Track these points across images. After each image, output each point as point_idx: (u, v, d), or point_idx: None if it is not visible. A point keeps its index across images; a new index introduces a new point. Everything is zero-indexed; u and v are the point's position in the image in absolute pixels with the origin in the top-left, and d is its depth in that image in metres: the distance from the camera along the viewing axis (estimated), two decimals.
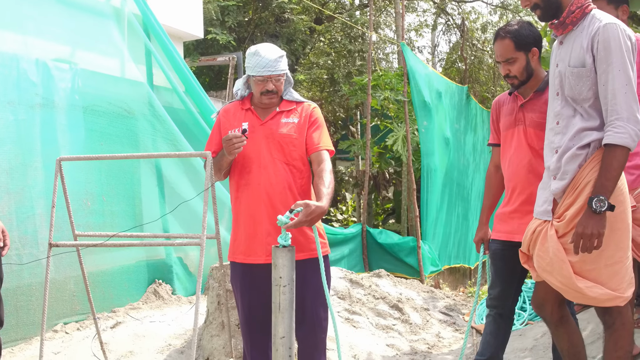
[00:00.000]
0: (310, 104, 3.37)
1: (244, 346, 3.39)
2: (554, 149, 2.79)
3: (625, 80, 2.56)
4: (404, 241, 10.18)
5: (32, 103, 5.18)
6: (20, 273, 4.70)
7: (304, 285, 3.23)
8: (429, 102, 10.23)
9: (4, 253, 3.22)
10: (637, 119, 2.55)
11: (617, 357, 2.76)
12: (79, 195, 5.32)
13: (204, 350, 4.31)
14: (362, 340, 5.19)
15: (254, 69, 3.17)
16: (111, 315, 5.24)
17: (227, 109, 3.36)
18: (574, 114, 2.74)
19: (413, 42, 17.36)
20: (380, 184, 13.85)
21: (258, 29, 11.99)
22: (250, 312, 3.30)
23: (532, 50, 3.29)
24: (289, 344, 2.86)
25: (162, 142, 5.98)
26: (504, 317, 3.56)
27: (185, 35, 9.17)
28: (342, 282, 6.13)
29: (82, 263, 3.59)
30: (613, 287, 2.66)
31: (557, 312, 2.93)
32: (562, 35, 2.81)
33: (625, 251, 2.68)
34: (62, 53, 5.68)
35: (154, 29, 6.22)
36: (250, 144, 3.21)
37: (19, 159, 5.01)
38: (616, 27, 2.60)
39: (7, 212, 4.81)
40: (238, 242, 3.28)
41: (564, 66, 2.75)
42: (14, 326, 4.60)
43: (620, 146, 2.53)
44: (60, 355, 4.40)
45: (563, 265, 2.67)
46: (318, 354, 3.37)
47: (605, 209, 2.51)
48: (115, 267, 5.59)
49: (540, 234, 2.79)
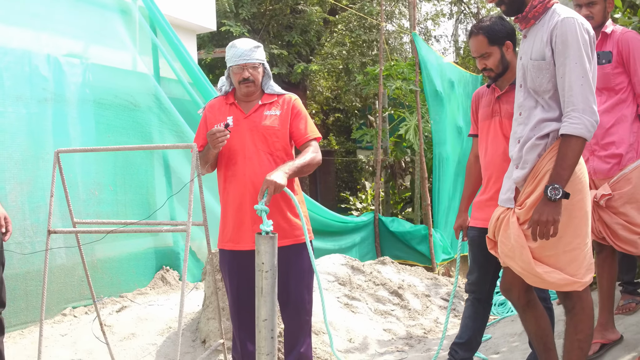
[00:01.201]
0: (291, 95, 3.54)
1: (233, 328, 3.57)
2: (517, 139, 2.89)
3: (581, 72, 2.65)
4: (415, 229, 10.30)
5: (43, 97, 5.40)
6: (30, 259, 4.93)
7: (288, 269, 3.41)
8: (441, 91, 10.31)
9: (5, 239, 3.41)
10: (592, 110, 2.64)
11: (577, 339, 2.87)
12: (87, 186, 5.56)
13: (201, 333, 4.51)
14: (359, 324, 5.34)
15: (231, 59, 3.39)
16: (118, 300, 5.47)
17: (212, 104, 3.54)
18: (535, 105, 2.84)
19: (430, 31, 17.35)
20: (396, 172, 13.95)
21: (273, 20, 12.14)
22: (238, 296, 3.47)
23: (506, 43, 3.40)
24: (271, 325, 3.04)
25: (169, 133, 6.18)
26: (482, 302, 3.69)
27: (198, 28, 9.35)
28: (344, 269, 6.28)
29: (82, 249, 3.79)
30: (571, 273, 2.76)
31: (523, 296, 3.03)
32: (526, 29, 2.91)
33: (583, 238, 2.78)
34: (72, 48, 5.90)
35: (159, 23, 6.41)
36: (235, 136, 3.38)
37: (30, 150, 5.24)
38: (574, 22, 2.69)
39: (19, 202, 5.05)
40: (227, 230, 3.46)
41: (526, 59, 2.85)
42: (23, 309, 4.84)
43: (575, 136, 2.62)
44: (66, 337, 4.63)
45: (523, 251, 2.78)
46: (303, 334, 3.54)
47: (560, 197, 2.61)
48: (124, 254, 5.82)
49: (504, 221, 2.90)
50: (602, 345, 3.71)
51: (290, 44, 12.03)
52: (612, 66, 3.48)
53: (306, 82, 13.10)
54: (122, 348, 4.46)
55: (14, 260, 4.82)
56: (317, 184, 16.66)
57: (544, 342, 3.07)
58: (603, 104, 3.49)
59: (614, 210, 3.40)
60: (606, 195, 3.40)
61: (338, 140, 18.01)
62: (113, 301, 5.45)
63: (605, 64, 3.48)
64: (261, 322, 3.03)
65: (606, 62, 3.48)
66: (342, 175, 18.29)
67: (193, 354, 4.39)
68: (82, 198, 5.51)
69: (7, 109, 5.12)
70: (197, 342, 4.52)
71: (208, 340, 4.39)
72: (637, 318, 4.00)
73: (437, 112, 10.31)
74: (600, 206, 3.42)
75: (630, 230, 3.36)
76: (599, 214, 3.44)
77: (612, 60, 3.47)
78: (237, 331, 3.52)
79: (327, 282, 5.97)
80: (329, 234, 8.94)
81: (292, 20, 12.16)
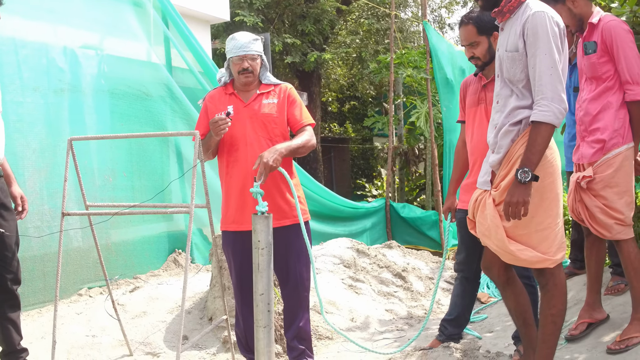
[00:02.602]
0: (286, 85, 3.77)
1: (236, 304, 3.80)
2: (494, 125, 3.08)
3: (550, 63, 2.82)
4: (426, 215, 10.48)
5: (60, 87, 5.67)
6: (48, 242, 5.22)
7: (287, 248, 3.65)
8: (452, 79, 10.41)
9: (22, 216, 3.67)
10: (561, 98, 2.81)
11: (550, 314, 3.06)
12: (102, 172, 5.83)
13: (208, 311, 4.76)
14: (362, 305, 5.56)
15: (231, 51, 3.62)
16: (132, 282, 5.75)
17: (212, 95, 3.76)
18: (510, 94, 3.01)
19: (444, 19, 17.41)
20: (410, 159, 14.08)
21: (287, 9, 12.32)
22: (240, 273, 3.70)
23: (494, 34, 3.57)
24: (267, 299, 3.28)
25: (180, 121, 6.44)
26: (470, 281, 3.89)
27: (212, 19, 9.60)
28: (349, 252, 6.49)
29: (94, 231, 4.04)
30: (543, 251, 2.95)
31: (503, 274, 3.22)
32: (502, 22, 3.08)
33: (555, 218, 2.96)
34: (88, 40, 6.15)
35: (170, 14, 6.64)
36: (236, 124, 3.60)
37: (48, 139, 5.51)
38: (544, 15, 2.86)
39: (37, 188, 5.33)
40: (230, 212, 3.68)
41: (502, 50, 3.03)
42: (41, 289, 5.14)
43: (544, 123, 2.80)
44: (81, 315, 4.91)
45: (498, 230, 2.97)
46: (301, 310, 3.77)
47: (530, 180, 2.79)
48: (137, 238, 6.09)
49: (481, 202, 3.09)
50: (589, 325, 3.88)
51: (304, 33, 12.20)
52: (597, 55, 3.57)
53: (320, 70, 13.28)
54: (134, 325, 4.73)
55: (32, 243, 5.11)
56: (332, 170, 16.86)
57: (523, 317, 3.26)
58: (591, 92, 3.61)
59: (594, 193, 3.54)
60: (587, 177, 3.54)
61: (354, 127, 18.18)
62: (127, 282, 5.73)
63: (591, 54, 3.58)
64: (258, 296, 3.27)
65: (592, 52, 3.57)
66: (359, 162, 18.47)
67: (200, 330, 4.64)
68: (97, 184, 5.78)
69: (25, 99, 5.40)
70: (205, 319, 4.77)
71: (215, 317, 4.64)
72: (625, 299, 4.14)
73: (447, 100, 10.42)
74: (582, 188, 3.57)
75: (608, 214, 3.51)
76: (580, 195, 3.60)
77: (597, 50, 3.57)
78: (240, 307, 3.76)
79: (333, 265, 6.19)
80: (341, 219, 9.16)
81: (306, 9, 12.33)
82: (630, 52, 3.48)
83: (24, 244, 4.93)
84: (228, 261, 3.82)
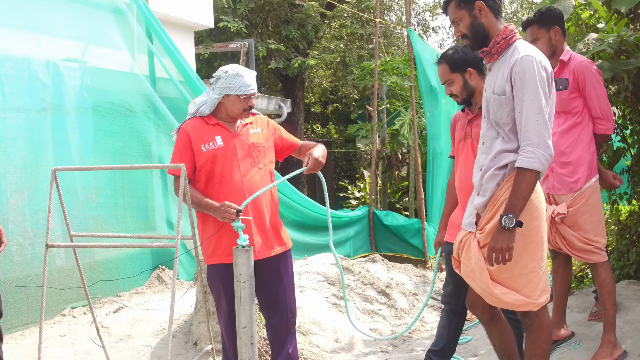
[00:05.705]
0: (262, 116, 3.87)
1: (226, 339, 3.67)
2: (480, 167, 3.10)
3: (537, 109, 2.84)
4: (409, 223, 10.50)
5: (43, 103, 5.60)
6: (31, 263, 5.17)
7: (279, 275, 3.67)
8: (436, 86, 10.44)
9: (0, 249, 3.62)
10: (547, 144, 2.84)
11: (535, 355, 3.10)
12: (86, 190, 5.78)
13: (193, 335, 4.75)
14: (346, 324, 5.57)
15: (239, 88, 3.55)
16: (116, 300, 5.71)
17: (193, 126, 3.61)
18: (497, 136, 3.03)
19: (428, 22, 17.45)
20: (393, 164, 14.13)
21: (270, 14, 12.28)
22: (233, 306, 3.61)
23: (468, 70, 3.59)
24: (250, 332, 3.33)
25: (164, 137, 6.39)
26: (456, 313, 3.92)
27: (195, 26, 9.50)
28: (333, 269, 6.50)
29: (78, 259, 4.01)
30: (527, 294, 2.98)
31: (488, 311, 3.25)
32: (490, 63, 3.09)
33: (539, 262, 2.99)
34: (70, 52, 6.05)
35: (148, 21, 6.57)
36: (228, 154, 3.58)
37: (31, 156, 5.44)
38: (532, 60, 2.87)
39: (20, 205, 5.28)
40: (224, 245, 3.56)
41: (489, 92, 3.04)
42: (24, 311, 5.09)
43: (529, 170, 2.82)
44: (65, 338, 4.88)
45: (482, 273, 2.99)
46: (290, 336, 3.78)
47: (514, 226, 2.81)
48: (121, 255, 6.04)
49: (466, 243, 3.11)
50: (554, 342, 4.10)
51: (288, 38, 12.17)
52: (568, 92, 3.80)
53: (304, 75, 13.26)
54: (118, 349, 4.71)
55: (14, 263, 5.06)
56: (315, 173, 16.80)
57: (508, 354, 3.30)
58: (561, 126, 3.83)
59: (570, 225, 3.76)
60: (561, 214, 3.71)
61: (337, 129, 18.17)
62: (110, 301, 5.69)
63: (562, 90, 3.78)
64: (241, 329, 3.31)
65: (563, 88, 3.79)
66: (341, 164, 18.46)
67: (185, 356, 4.63)
68: (81, 202, 5.73)
69: (7, 115, 5.33)
70: (189, 344, 4.76)
71: (199, 342, 4.63)
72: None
73: (431, 107, 10.46)
74: (557, 222, 3.76)
75: (585, 242, 3.72)
76: (556, 227, 3.79)
77: (568, 87, 3.79)
78: (232, 341, 3.61)
79: (317, 282, 6.20)
80: (324, 229, 9.15)
81: (290, 14, 12.30)
82: (600, 91, 3.77)
83: (5, 266, 4.89)
84: (216, 293, 3.71)
